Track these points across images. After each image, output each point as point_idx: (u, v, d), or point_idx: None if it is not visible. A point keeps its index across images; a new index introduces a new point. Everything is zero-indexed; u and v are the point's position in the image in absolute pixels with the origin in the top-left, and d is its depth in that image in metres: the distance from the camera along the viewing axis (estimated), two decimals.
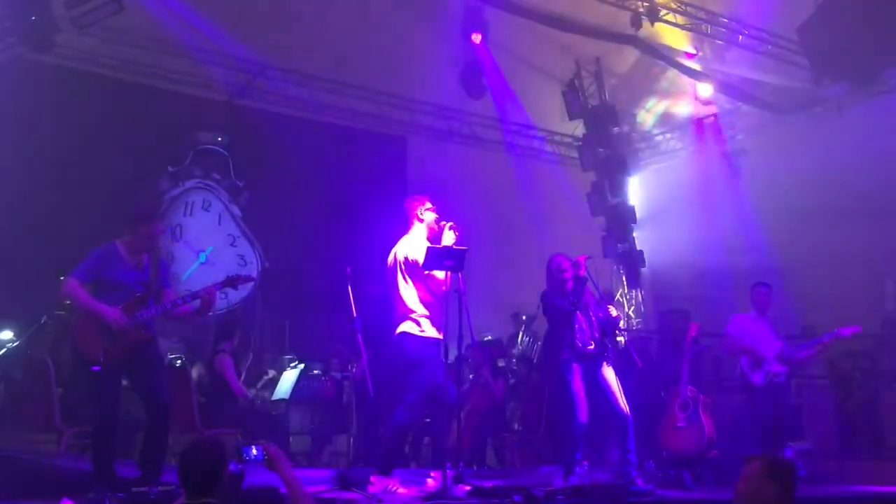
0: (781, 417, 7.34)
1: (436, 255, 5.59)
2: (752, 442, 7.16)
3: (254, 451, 3.91)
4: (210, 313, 5.78)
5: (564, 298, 6.45)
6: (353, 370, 7.00)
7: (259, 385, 8.98)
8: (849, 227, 10.09)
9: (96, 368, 4.90)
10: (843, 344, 8.16)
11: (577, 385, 6.35)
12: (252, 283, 9.44)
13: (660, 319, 11.42)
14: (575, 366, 6.39)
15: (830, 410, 9.90)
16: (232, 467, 3.73)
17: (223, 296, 9.86)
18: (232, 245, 11.09)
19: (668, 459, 7.19)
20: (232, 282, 5.67)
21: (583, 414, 6.35)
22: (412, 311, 5.75)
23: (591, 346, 6.42)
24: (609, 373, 6.43)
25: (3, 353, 7.33)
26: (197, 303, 5.36)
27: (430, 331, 5.74)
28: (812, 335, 8.01)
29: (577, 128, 12.55)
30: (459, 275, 5.69)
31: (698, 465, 6.76)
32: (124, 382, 5.42)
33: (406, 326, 5.75)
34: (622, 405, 6.37)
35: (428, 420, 8.69)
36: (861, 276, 10.24)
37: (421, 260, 5.66)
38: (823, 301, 9.91)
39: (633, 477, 6.17)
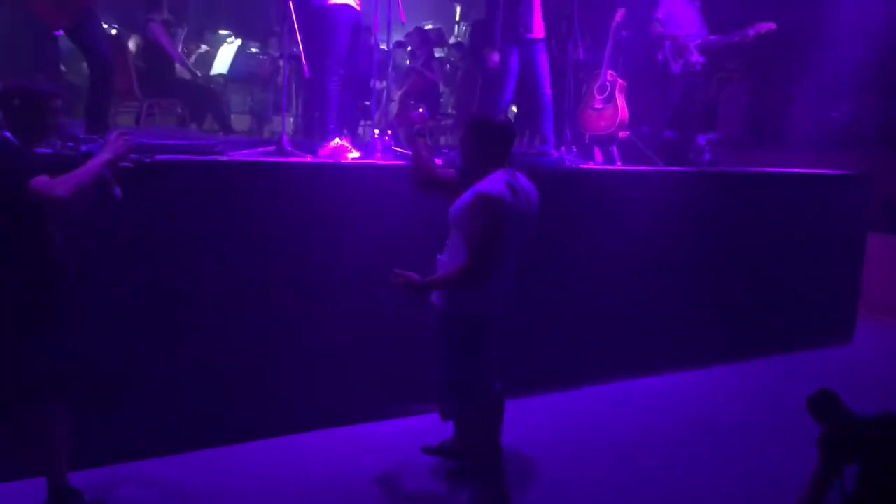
0: (695, 106, 7.71)
1: None
2: (663, 127, 7.67)
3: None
4: None
5: None
6: (295, 50, 7.11)
7: (192, 59, 9.00)
8: None
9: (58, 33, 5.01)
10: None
11: (512, 67, 6.68)
12: None
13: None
14: (514, 49, 6.68)
15: (744, 105, 10.54)
16: None
17: None
18: None
19: (584, 139, 7.69)
20: None
21: (509, 93, 6.82)
22: None
23: (532, 34, 6.67)
24: (543, 58, 6.76)
25: None
26: None
27: None
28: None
29: None
30: None
31: (609, 144, 7.30)
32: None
33: None
34: (547, 89, 6.79)
35: (367, 103, 9.12)
36: None
37: None
38: None
39: (548, 151, 6.76)
